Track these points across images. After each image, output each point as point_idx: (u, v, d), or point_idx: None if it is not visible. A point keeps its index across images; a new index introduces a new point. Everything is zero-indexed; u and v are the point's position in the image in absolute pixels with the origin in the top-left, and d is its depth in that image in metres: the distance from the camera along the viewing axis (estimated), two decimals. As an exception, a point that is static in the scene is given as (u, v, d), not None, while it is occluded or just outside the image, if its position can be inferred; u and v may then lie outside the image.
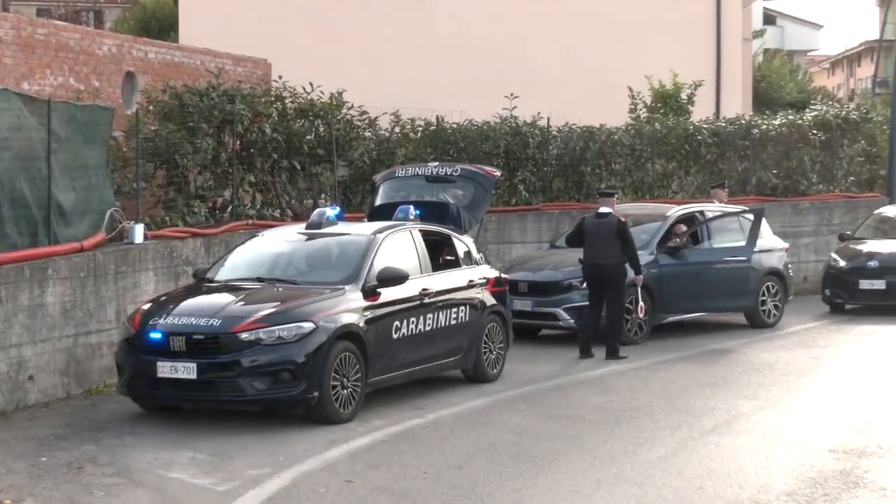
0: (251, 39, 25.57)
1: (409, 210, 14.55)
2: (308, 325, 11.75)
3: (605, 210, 16.39)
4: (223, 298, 12.31)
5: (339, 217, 14.17)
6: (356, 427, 11.77)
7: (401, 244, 13.52)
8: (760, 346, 17.25)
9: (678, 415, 12.44)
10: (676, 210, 18.81)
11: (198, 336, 11.66)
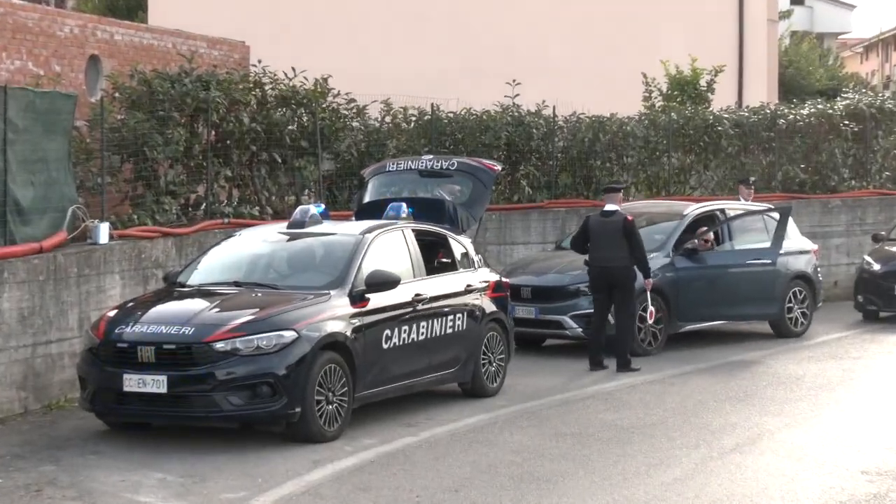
0: (227, 20, 25.64)
1: (401, 208, 14.55)
2: (289, 334, 11.75)
3: (611, 207, 16.39)
4: (196, 305, 12.32)
5: (324, 215, 14.19)
6: (342, 446, 11.78)
7: (392, 245, 13.53)
8: (786, 358, 17.27)
9: (696, 432, 12.46)
10: (694, 208, 18.81)
11: (168, 346, 11.67)
